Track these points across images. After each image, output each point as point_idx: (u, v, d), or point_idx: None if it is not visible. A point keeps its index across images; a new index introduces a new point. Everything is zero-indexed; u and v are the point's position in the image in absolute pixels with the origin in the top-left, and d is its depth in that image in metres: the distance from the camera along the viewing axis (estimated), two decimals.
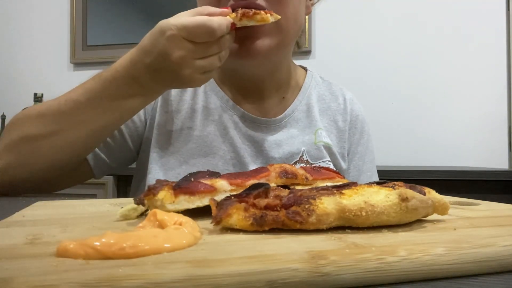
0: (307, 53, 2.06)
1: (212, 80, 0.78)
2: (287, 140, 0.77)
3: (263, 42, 0.67)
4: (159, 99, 0.76)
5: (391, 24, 2.06)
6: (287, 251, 0.25)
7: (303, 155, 0.77)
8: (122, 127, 0.73)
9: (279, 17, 0.62)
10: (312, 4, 0.80)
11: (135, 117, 0.75)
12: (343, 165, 0.81)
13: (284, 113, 0.79)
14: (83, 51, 2.32)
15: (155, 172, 0.72)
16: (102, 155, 0.73)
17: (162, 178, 0.58)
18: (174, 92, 0.77)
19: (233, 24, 0.59)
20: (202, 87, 0.78)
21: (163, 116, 0.76)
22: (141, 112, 0.75)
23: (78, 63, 2.34)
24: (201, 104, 0.77)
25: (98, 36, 2.32)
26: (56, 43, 2.36)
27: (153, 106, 0.77)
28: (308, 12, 0.78)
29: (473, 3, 1.98)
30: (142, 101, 0.63)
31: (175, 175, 0.70)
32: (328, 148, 0.79)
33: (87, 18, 2.32)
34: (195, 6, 0.66)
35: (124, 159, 0.78)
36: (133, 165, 0.82)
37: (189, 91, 0.78)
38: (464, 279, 0.25)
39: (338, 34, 2.08)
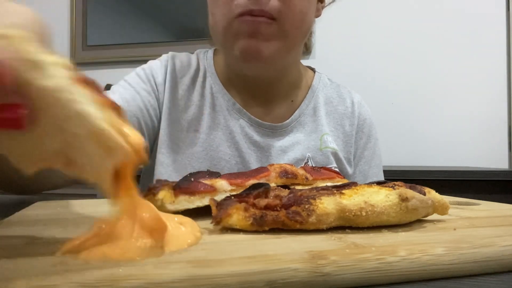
0: (307, 53, 2.06)
1: (219, 82, 0.77)
2: (293, 146, 0.76)
3: (266, 44, 0.65)
4: (166, 98, 0.74)
5: (391, 24, 2.06)
6: (287, 251, 0.25)
7: (308, 161, 0.76)
8: (143, 124, 0.71)
9: None
10: (323, 7, 0.78)
11: (152, 114, 0.72)
12: (349, 170, 0.80)
13: (290, 118, 0.78)
14: (83, 51, 2.32)
15: (161, 176, 0.70)
16: None
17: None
18: (181, 91, 0.75)
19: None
20: (209, 88, 0.77)
21: (169, 116, 0.74)
22: (154, 111, 0.73)
23: (78, 63, 2.33)
24: (208, 106, 0.75)
25: (98, 36, 2.31)
26: (56, 43, 2.35)
27: (161, 104, 0.74)
28: (318, 14, 0.76)
29: (473, 3, 1.98)
30: None
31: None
32: (334, 154, 0.78)
33: (87, 18, 2.32)
34: (194, 5, 0.65)
35: None
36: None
37: (196, 92, 0.76)
38: (464, 279, 0.25)
39: (338, 34, 2.08)
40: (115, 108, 0.25)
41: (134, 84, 0.74)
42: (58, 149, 0.24)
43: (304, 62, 0.87)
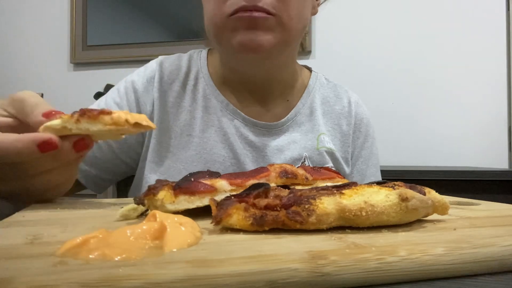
0: (307, 53, 2.06)
1: (212, 84, 0.76)
2: (289, 145, 0.75)
3: (266, 37, 0.64)
4: (156, 108, 0.74)
5: (391, 24, 2.06)
6: (287, 251, 0.25)
7: (305, 161, 0.75)
8: (111, 141, 0.72)
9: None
10: (319, 5, 0.78)
11: None
12: (347, 169, 0.80)
13: (286, 117, 0.77)
14: (83, 51, 2.32)
15: (152, 181, 0.70)
16: (89, 169, 0.72)
17: None
18: (171, 98, 0.75)
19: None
20: (201, 91, 0.76)
21: (161, 124, 0.74)
22: None
23: (78, 63, 2.34)
24: (200, 109, 0.75)
25: (98, 36, 2.32)
26: (56, 43, 2.36)
27: (149, 115, 0.74)
28: (314, 12, 0.76)
29: (473, 3, 1.98)
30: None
31: None
32: (331, 154, 0.78)
33: (87, 18, 2.32)
34: (193, 6, 0.64)
35: (120, 171, 0.77)
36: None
37: (187, 97, 0.76)
38: (464, 279, 0.25)
39: (338, 34, 2.08)
40: (106, 112, 0.42)
41: (109, 99, 0.76)
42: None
43: (304, 62, 0.87)
